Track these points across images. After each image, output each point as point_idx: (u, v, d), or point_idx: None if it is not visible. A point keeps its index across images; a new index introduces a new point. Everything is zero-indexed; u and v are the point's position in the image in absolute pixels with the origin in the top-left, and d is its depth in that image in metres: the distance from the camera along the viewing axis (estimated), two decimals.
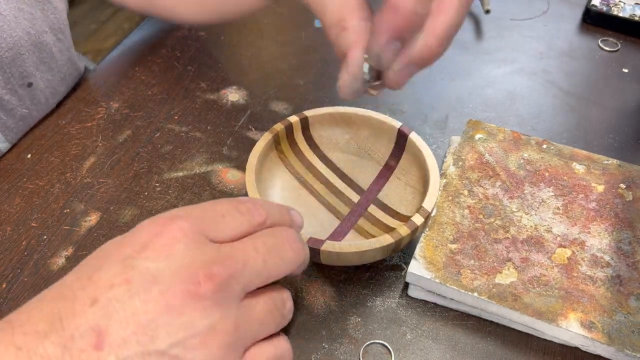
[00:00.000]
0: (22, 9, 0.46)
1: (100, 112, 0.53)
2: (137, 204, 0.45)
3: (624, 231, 0.41)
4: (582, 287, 0.38)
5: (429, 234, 0.40)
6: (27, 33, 0.47)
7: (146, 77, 0.56)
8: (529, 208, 0.42)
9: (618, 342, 0.35)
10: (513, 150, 0.46)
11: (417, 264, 0.38)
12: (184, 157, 0.49)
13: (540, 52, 0.63)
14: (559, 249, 0.40)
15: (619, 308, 0.37)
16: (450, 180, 0.44)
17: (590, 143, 0.52)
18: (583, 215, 0.42)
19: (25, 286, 0.40)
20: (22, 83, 0.48)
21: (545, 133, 0.53)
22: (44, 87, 0.51)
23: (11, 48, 0.45)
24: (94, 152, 0.49)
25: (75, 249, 0.42)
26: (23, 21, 0.46)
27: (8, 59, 0.45)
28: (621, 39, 0.64)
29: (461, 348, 0.37)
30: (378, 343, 0.37)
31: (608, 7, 0.65)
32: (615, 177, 0.44)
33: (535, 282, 0.38)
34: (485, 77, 0.59)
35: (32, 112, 0.50)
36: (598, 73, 0.60)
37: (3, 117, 0.47)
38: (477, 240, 0.40)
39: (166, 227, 0.26)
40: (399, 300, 0.40)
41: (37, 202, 0.45)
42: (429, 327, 0.38)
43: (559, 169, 0.45)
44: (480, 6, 0.67)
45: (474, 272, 0.38)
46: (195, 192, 0.46)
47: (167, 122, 0.52)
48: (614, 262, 0.39)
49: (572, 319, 0.36)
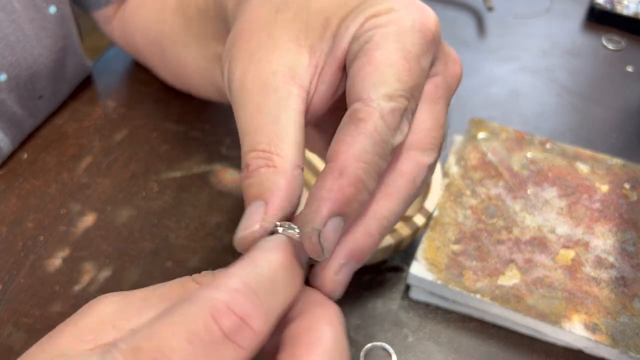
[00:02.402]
0: (46, 28, 0.46)
1: (97, 112, 0.53)
2: (134, 204, 0.45)
3: (628, 232, 0.40)
4: (585, 288, 0.37)
5: (430, 234, 0.39)
6: (49, 51, 0.46)
7: (144, 75, 0.55)
8: (533, 208, 0.41)
9: (622, 344, 0.35)
10: (516, 150, 0.45)
11: (419, 265, 0.38)
12: (182, 157, 0.49)
13: (544, 50, 0.62)
14: (563, 250, 0.39)
15: (623, 310, 0.36)
16: (453, 180, 0.43)
17: (594, 142, 0.51)
18: (587, 215, 0.41)
19: (22, 287, 0.39)
20: (34, 96, 0.48)
21: (548, 132, 0.52)
22: (52, 98, 0.50)
23: (30, 66, 0.45)
24: (91, 152, 0.49)
25: (72, 249, 0.42)
26: (45, 40, 0.46)
27: (26, 77, 0.45)
28: (625, 37, 0.63)
29: (463, 351, 0.37)
30: (379, 346, 0.37)
31: (612, 5, 0.64)
32: (620, 177, 0.44)
33: (539, 283, 0.37)
34: (487, 75, 0.58)
35: (38, 120, 0.50)
36: (602, 71, 0.59)
37: (13, 130, 0.47)
38: (480, 241, 0.39)
39: None
40: (400, 302, 0.39)
41: (33, 203, 0.45)
42: (431, 330, 0.38)
43: (562, 169, 0.44)
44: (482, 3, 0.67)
45: (476, 273, 0.37)
46: (194, 192, 0.46)
47: (164, 122, 0.52)
48: (618, 263, 0.38)
49: (575, 321, 0.36)
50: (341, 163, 0.22)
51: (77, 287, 0.40)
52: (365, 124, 0.22)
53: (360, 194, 0.22)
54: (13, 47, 0.43)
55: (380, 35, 0.24)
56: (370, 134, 0.22)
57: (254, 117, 0.25)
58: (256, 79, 0.25)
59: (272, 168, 0.24)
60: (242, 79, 0.25)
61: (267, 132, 0.24)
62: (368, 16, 0.25)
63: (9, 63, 0.43)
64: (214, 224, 0.44)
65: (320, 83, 0.26)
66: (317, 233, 0.22)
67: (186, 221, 0.44)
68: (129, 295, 0.23)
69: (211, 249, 0.42)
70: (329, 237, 0.22)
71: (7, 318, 0.38)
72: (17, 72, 0.44)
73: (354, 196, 0.22)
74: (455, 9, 0.67)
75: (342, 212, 0.22)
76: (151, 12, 0.48)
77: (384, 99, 0.23)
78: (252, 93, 0.25)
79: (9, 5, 0.43)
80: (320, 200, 0.22)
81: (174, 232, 0.43)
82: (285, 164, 0.24)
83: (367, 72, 0.23)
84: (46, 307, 0.39)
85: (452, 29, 0.64)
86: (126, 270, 0.41)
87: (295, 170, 0.24)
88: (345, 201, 0.22)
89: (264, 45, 0.26)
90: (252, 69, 0.25)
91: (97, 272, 0.40)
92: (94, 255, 0.41)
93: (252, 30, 0.27)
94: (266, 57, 0.25)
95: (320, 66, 0.26)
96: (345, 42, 0.25)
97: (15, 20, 0.43)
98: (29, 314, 0.38)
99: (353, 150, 0.22)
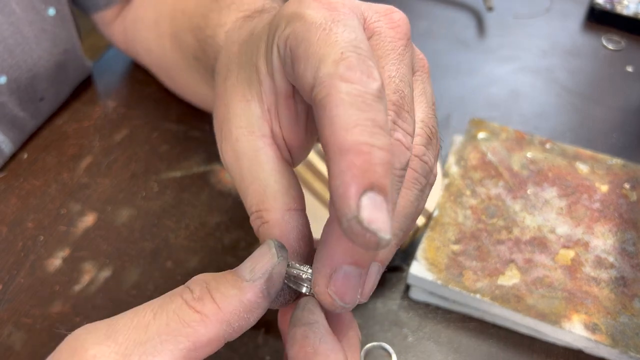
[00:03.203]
0: (46, 30, 0.46)
1: (97, 112, 0.52)
2: (134, 204, 0.45)
3: (628, 232, 0.40)
4: (585, 288, 0.37)
5: (430, 234, 0.39)
6: (49, 53, 0.46)
7: (143, 75, 0.55)
8: (532, 208, 0.41)
9: (622, 344, 0.35)
10: (516, 150, 0.45)
11: (419, 265, 0.38)
12: (182, 157, 0.49)
13: (544, 50, 0.62)
14: (563, 250, 0.39)
15: (623, 310, 0.36)
16: (453, 180, 0.43)
17: (594, 142, 0.51)
18: (587, 215, 0.41)
19: (22, 288, 0.39)
20: (34, 98, 0.48)
21: (548, 132, 0.52)
22: (53, 100, 0.50)
23: (31, 69, 0.45)
24: (91, 152, 0.49)
25: (72, 249, 0.42)
26: (45, 42, 0.46)
27: (26, 80, 0.45)
28: (625, 37, 0.63)
29: (463, 350, 0.37)
30: (379, 345, 0.37)
31: (612, 5, 0.64)
32: (620, 177, 0.44)
33: (539, 283, 0.37)
34: (487, 76, 0.58)
35: (39, 122, 0.50)
36: (602, 71, 0.59)
37: (15, 132, 0.47)
38: (480, 241, 0.39)
39: None
40: (400, 302, 0.39)
41: (33, 203, 0.45)
42: (431, 330, 0.38)
43: (562, 169, 0.44)
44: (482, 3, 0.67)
45: (476, 273, 0.37)
46: (194, 192, 0.46)
47: (164, 122, 0.52)
48: (618, 263, 0.38)
49: (575, 321, 0.36)
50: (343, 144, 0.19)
51: (77, 287, 0.40)
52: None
53: (377, 155, 0.19)
54: (12, 50, 0.43)
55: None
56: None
57: (241, 185, 0.26)
58: (229, 152, 0.26)
59: (265, 224, 0.25)
60: (225, 161, 0.27)
61: (252, 194, 0.25)
62: (280, 39, 0.24)
63: (8, 66, 0.43)
64: (214, 224, 0.44)
65: (283, 119, 0.26)
66: (355, 220, 0.18)
67: (186, 221, 0.44)
68: (121, 338, 0.21)
69: (211, 249, 0.42)
70: (373, 216, 0.18)
71: (7, 318, 0.38)
72: (17, 74, 0.44)
73: (370, 161, 0.18)
74: (455, 9, 0.67)
75: (371, 184, 0.18)
76: (149, 32, 0.48)
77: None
78: (234, 168, 0.26)
79: (7, 8, 0.42)
80: (343, 185, 0.18)
81: (174, 232, 0.43)
82: (274, 215, 0.25)
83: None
84: (46, 307, 0.39)
85: (452, 29, 0.64)
86: (126, 270, 0.41)
87: (286, 214, 0.25)
88: (366, 169, 0.18)
89: (225, 117, 0.27)
90: (226, 145, 0.27)
91: (97, 272, 0.40)
92: (94, 255, 0.41)
93: (217, 107, 0.28)
94: (228, 128, 0.26)
95: (273, 106, 0.26)
96: (277, 71, 0.25)
97: (14, 23, 0.43)
98: (29, 314, 0.38)
99: (343, 122, 0.19)
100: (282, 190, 0.25)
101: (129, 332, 0.21)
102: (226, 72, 0.28)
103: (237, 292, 0.22)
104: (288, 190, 0.25)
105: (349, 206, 0.18)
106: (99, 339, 0.21)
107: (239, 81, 0.27)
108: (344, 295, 0.23)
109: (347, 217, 0.18)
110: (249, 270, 0.23)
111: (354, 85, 0.20)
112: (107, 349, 0.21)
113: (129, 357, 0.20)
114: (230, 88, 0.27)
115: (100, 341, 0.21)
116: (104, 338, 0.21)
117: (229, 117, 0.26)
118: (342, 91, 0.20)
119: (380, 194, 0.18)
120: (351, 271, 0.22)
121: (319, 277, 0.23)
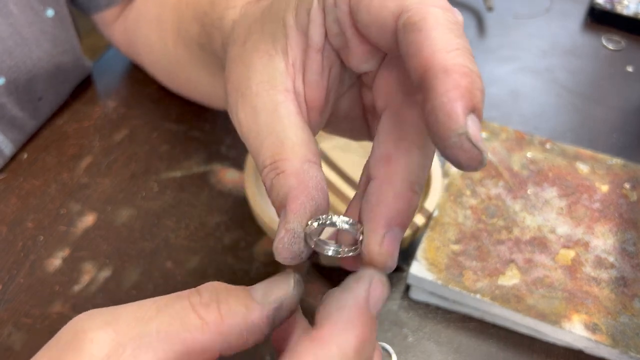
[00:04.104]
0: (45, 31, 0.46)
1: (97, 112, 0.52)
2: (134, 204, 0.45)
3: (628, 232, 0.40)
4: (586, 288, 0.37)
5: (430, 234, 0.39)
6: (49, 54, 0.46)
7: (143, 75, 0.55)
8: (533, 208, 0.41)
9: (622, 344, 0.35)
10: (516, 150, 0.45)
11: (419, 265, 0.38)
12: (182, 157, 0.49)
13: (544, 50, 0.62)
14: (563, 250, 0.39)
15: (623, 310, 0.36)
16: (453, 180, 0.43)
17: (594, 142, 0.51)
18: (587, 215, 0.41)
19: (22, 288, 0.39)
20: (34, 99, 0.48)
21: (548, 132, 0.52)
22: (53, 100, 0.50)
23: (30, 70, 0.45)
24: (91, 152, 0.49)
25: (72, 249, 0.42)
26: (44, 43, 0.46)
27: (25, 80, 0.45)
28: (625, 37, 0.63)
29: (463, 350, 0.37)
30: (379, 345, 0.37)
31: (612, 5, 0.64)
32: (620, 177, 0.44)
33: (539, 283, 0.37)
34: (487, 76, 0.58)
35: (39, 122, 0.50)
36: (602, 72, 0.59)
37: (15, 132, 0.47)
38: (480, 241, 0.39)
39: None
40: (400, 302, 0.39)
41: (33, 203, 0.45)
42: (431, 330, 0.38)
43: (562, 169, 0.44)
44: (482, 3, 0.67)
45: (476, 273, 0.37)
46: (194, 192, 0.46)
47: (164, 122, 0.52)
48: (618, 263, 0.38)
49: (575, 321, 0.35)
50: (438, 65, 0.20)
51: (77, 287, 0.40)
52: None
53: (476, 80, 0.20)
54: (11, 51, 0.43)
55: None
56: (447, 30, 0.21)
57: (255, 142, 0.25)
58: (247, 110, 0.25)
59: (281, 174, 0.23)
60: (240, 120, 0.26)
61: (268, 146, 0.24)
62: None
63: (7, 67, 0.43)
64: (214, 224, 0.44)
65: (309, 75, 0.26)
66: (465, 136, 0.19)
67: (186, 221, 0.44)
68: (121, 327, 0.21)
69: (211, 249, 0.42)
70: (477, 136, 0.19)
71: (7, 318, 0.38)
72: (16, 75, 0.44)
73: (472, 84, 0.19)
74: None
75: (473, 106, 0.19)
76: (151, 30, 0.48)
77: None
78: (249, 125, 0.25)
79: (5, 9, 0.42)
80: (450, 102, 0.19)
81: (173, 232, 0.43)
82: (292, 164, 0.23)
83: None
84: (46, 307, 0.39)
85: None
86: (126, 270, 0.41)
87: (305, 164, 0.23)
88: (470, 90, 0.19)
89: (244, 76, 0.26)
90: (244, 105, 0.26)
91: (97, 272, 0.40)
92: (94, 255, 0.41)
93: (232, 70, 0.27)
94: (247, 85, 0.26)
95: (299, 62, 0.26)
96: (318, 24, 0.25)
97: (13, 24, 0.43)
98: (29, 314, 0.38)
99: (439, 45, 0.20)
100: (300, 144, 0.24)
101: (130, 323, 0.21)
102: (246, 35, 0.28)
103: (244, 310, 0.22)
104: (307, 144, 0.24)
105: (458, 122, 0.19)
106: (99, 324, 0.21)
107: (262, 39, 0.26)
108: (393, 255, 0.24)
109: (458, 132, 0.19)
110: (262, 292, 0.23)
111: (448, 13, 0.21)
112: (106, 335, 0.21)
113: (123, 347, 0.20)
114: (251, 47, 0.27)
115: (100, 326, 0.21)
116: (104, 324, 0.21)
117: (248, 75, 0.26)
118: (439, 16, 0.20)
119: (479, 118, 0.19)
120: (398, 232, 0.23)
121: (373, 237, 0.23)
